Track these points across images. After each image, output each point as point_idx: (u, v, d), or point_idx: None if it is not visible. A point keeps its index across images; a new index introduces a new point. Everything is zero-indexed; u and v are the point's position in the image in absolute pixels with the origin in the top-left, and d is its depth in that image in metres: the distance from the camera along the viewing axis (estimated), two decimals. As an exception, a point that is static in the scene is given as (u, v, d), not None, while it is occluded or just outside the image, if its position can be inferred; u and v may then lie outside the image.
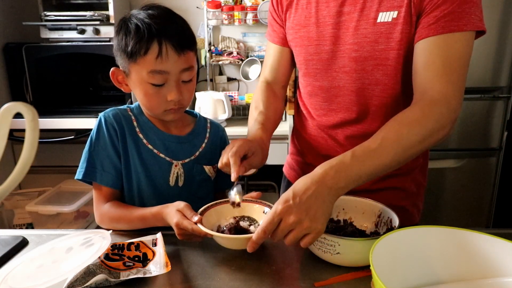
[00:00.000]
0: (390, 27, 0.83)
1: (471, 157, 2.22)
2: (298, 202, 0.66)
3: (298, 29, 0.95)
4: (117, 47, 0.86)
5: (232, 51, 2.42)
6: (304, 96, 1.03)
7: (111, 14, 2.10)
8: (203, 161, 0.96)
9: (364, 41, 0.86)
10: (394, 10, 0.82)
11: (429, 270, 0.64)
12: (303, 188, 0.67)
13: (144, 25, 0.80)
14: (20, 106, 0.52)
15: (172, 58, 0.81)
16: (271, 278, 0.71)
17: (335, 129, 0.97)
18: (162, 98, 0.85)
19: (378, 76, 0.88)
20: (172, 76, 0.83)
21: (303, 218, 0.65)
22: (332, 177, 0.68)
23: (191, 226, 0.74)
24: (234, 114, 2.32)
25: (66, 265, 0.66)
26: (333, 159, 0.72)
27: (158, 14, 0.83)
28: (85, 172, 0.88)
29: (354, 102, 0.92)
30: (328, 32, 0.90)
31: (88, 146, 0.90)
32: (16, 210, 2.05)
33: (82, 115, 1.98)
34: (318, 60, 0.93)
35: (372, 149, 0.72)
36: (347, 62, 0.89)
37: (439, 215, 2.29)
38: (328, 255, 0.71)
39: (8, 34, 2.20)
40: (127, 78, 0.88)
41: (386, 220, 0.79)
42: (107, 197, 0.90)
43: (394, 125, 0.76)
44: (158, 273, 0.69)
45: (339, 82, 0.92)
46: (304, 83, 1.00)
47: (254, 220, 0.84)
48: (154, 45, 0.80)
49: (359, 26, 0.86)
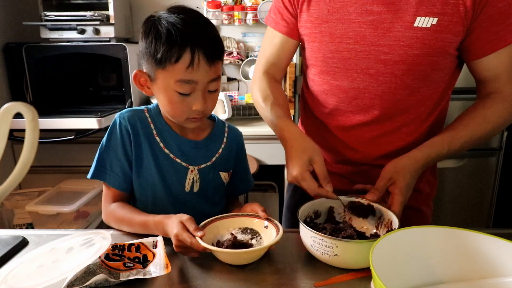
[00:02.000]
0: (428, 34, 0.81)
1: (471, 157, 2.21)
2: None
3: (319, 23, 0.90)
4: (145, 50, 0.80)
5: (232, 51, 2.42)
6: (319, 95, 0.98)
7: (111, 14, 2.09)
8: (219, 166, 0.94)
9: (397, 44, 0.83)
10: (434, 16, 0.80)
11: (429, 270, 0.64)
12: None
13: (177, 31, 0.76)
14: (20, 106, 0.52)
15: (203, 68, 0.78)
16: (271, 278, 0.71)
17: (349, 131, 0.95)
18: (186, 107, 0.81)
19: (408, 81, 0.86)
20: (200, 86, 0.80)
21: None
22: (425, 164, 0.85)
23: (191, 239, 0.73)
24: (234, 114, 2.32)
25: (66, 265, 0.65)
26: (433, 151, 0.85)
27: (191, 20, 0.79)
28: (94, 171, 0.88)
29: (376, 105, 0.90)
30: (353, 30, 0.86)
31: (100, 146, 0.89)
32: (16, 210, 2.04)
33: (82, 115, 1.97)
34: (339, 58, 0.90)
35: (463, 142, 0.86)
36: (373, 64, 0.87)
37: (439, 215, 2.29)
38: (326, 256, 0.71)
39: (8, 34, 2.20)
40: (151, 82, 0.84)
41: (387, 222, 0.79)
42: (115, 198, 0.90)
43: (483, 124, 0.86)
44: (158, 274, 0.69)
45: (361, 84, 0.90)
46: (320, 81, 0.96)
47: (256, 233, 0.82)
48: (186, 54, 0.76)
49: (392, 28, 0.83)
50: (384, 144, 0.94)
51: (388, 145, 0.94)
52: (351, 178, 1.00)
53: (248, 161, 1.06)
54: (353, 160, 0.98)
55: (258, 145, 2.09)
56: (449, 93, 0.95)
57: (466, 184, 2.25)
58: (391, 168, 0.84)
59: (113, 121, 0.89)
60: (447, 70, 0.89)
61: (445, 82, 0.91)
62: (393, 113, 0.91)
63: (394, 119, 0.91)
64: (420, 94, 0.89)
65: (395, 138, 0.93)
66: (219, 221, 0.83)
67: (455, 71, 0.92)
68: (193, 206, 0.91)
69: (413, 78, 0.86)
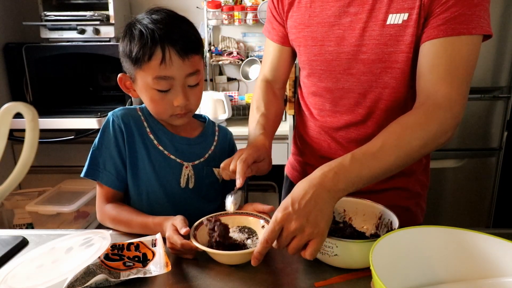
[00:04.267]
0: (400, 30, 0.81)
1: (471, 157, 2.22)
2: (297, 208, 0.64)
3: (302, 28, 0.93)
4: (122, 53, 0.85)
5: (232, 51, 2.42)
6: (308, 97, 1.01)
7: (111, 14, 2.09)
8: (212, 163, 0.96)
9: (373, 43, 0.84)
10: (405, 12, 0.80)
11: (429, 270, 0.64)
12: (301, 193, 0.66)
13: (148, 30, 0.80)
14: (20, 106, 0.51)
15: (176, 63, 0.80)
16: (271, 278, 0.71)
17: (338, 131, 0.96)
18: (168, 104, 0.84)
19: (386, 79, 0.86)
20: (177, 81, 0.82)
21: (304, 224, 0.64)
22: (331, 180, 0.67)
23: (181, 241, 0.73)
24: (234, 114, 2.32)
25: (66, 265, 0.66)
26: (332, 162, 0.71)
27: (162, 18, 0.82)
28: (87, 170, 0.88)
29: (360, 104, 0.91)
30: (333, 33, 0.88)
31: (93, 144, 0.89)
32: (16, 210, 2.05)
33: (82, 115, 1.97)
34: (322, 60, 0.91)
35: (373, 152, 0.71)
36: (353, 64, 0.88)
37: (439, 215, 2.29)
38: (326, 256, 0.71)
39: (8, 34, 2.20)
40: (133, 83, 0.87)
41: (387, 222, 0.79)
42: (109, 197, 0.90)
43: (396, 128, 0.75)
44: (158, 273, 0.69)
45: (345, 84, 0.91)
46: (308, 83, 0.98)
47: (253, 232, 0.83)
48: (157, 51, 0.79)
49: (367, 28, 0.84)
50: None
51: None
52: None
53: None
54: None
55: (258, 145, 2.08)
56: None
57: (466, 184, 2.25)
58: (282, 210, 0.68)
59: (106, 119, 0.90)
60: None
61: None
62: (378, 112, 0.91)
63: (380, 118, 0.91)
64: (401, 93, 0.88)
65: None
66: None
67: None
68: (188, 203, 0.92)
69: (391, 76, 0.86)
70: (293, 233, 0.64)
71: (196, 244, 0.72)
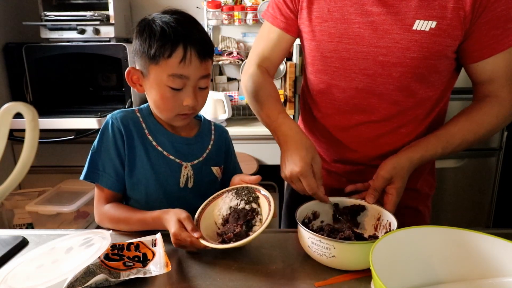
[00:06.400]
0: (426, 37, 0.81)
1: (471, 157, 2.21)
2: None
3: (319, 22, 0.90)
4: (138, 48, 0.84)
5: (232, 51, 2.42)
6: (315, 94, 0.98)
7: (111, 14, 2.09)
8: (210, 162, 0.96)
9: (395, 47, 0.83)
10: (433, 20, 0.80)
11: (429, 270, 0.64)
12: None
13: (171, 28, 0.80)
14: (20, 106, 0.51)
15: (194, 64, 0.82)
16: (271, 278, 0.71)
17: (346, 130, 0.95)
18: (177, 102, 0.85)
19: (406, 83, 0.86)
20: (191, 81, 0.83)
21: None
22: (417, 161, 0.86)
23: (190, 238, 0.74)
24: (234, 114, 2.32)
25: (66, 265, 0.66)
26: (418, 148, 0.86)
27: (184, 19, 0.84)
28: (87, 173, 0.88)
29: (374, 106, 0.90)
30: (352, 31, 0.86)
31: (93, 147, 0.90)
32: (16, 210, 2.05)
33: (82, 115, 1.97)
34: (337, 58, 0.89)
35: (453, 147, 0.87)
36: (371, 65, 0.87)
37: (439, 215, 2.29)
38: (324, 258, 0.71)
39: (8, 34, 2.20)
40: (143, 78, 0.87)
41: (385, 224, 0.79)
42: (108, 198, 0.90)
43: (474, 127, 0.87)
44: (158, 273, 0.69)
45: (359, 84, 0.90)
46: (317, 80, 0.96)
47: (252, 193, 0.82)
48: (179, 49, 0.80)
49: (391, 30, 0.83)
50: (382, 145, 0.94)
51: (386, 145, 0.94)
52: (348, 177, 1.00)
53: (248, 161, 1.06)
54: (351, 160, 0.98)
55: (258, 145, 2.08)
56: (448, 94, 0.95)
57: (466, 184, 2.25)
58: (391, 169, 0.84)
59: (105, 122, 0.90)
60: (446, 72, 0.89)
61: (443, 84, 0.91)
62: (391, 114, 0.91)
63: (392, 120, 0.91)
64: (418, 96, 0.89)
65: (393, 138, 0.93)
66: (210, 205, 0.84)
67: (454, 73, 0.92)
68: (187, 203, 0.91)
69: (411, 80, 0.86)
70: None
71: (205, 243, 0.72)
